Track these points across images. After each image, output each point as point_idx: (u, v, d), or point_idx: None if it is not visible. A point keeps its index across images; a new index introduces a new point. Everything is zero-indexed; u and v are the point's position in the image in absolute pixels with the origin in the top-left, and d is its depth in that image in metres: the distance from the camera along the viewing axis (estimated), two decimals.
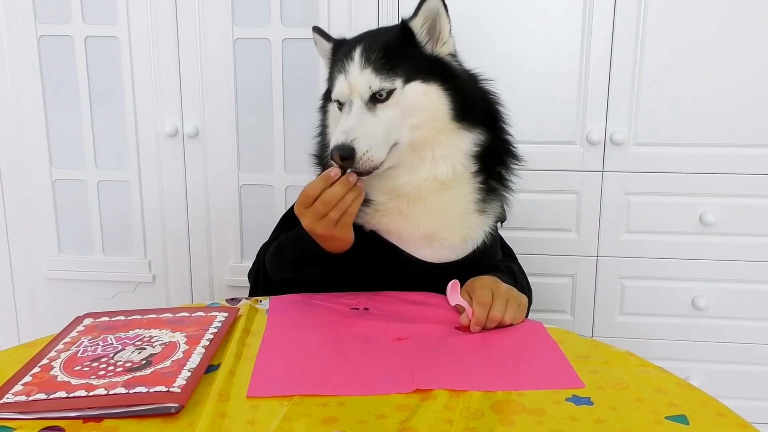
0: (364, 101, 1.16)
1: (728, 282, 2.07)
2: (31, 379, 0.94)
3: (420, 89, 1.19)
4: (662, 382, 0.96)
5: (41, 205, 2.26)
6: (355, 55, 1.18)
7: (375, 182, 1.22)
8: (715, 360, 2.12)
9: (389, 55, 1.18)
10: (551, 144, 2.03)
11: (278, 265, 1.35)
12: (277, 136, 2.14)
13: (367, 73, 1.16)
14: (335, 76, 1.21)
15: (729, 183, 2.00)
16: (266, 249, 1.43)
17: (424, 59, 1.21)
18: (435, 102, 1.20)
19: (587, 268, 2.12)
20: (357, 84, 1.17)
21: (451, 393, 0.91)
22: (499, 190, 1.31)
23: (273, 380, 0.95)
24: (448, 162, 1.22)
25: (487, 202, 1.29)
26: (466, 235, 1.28)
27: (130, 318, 1.17)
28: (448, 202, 1.25)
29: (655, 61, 1.96)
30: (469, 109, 1.22)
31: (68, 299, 2.31)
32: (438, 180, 1.22)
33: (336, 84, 1.20)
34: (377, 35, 1.25)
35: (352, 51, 1.19)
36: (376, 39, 1.22)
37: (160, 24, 2.09)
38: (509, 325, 1.15)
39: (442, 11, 1.20)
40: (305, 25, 2.06)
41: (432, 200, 1.24)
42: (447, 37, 1.23)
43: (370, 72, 1.16)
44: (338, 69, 1.20)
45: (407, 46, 1.21)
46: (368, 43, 1.19)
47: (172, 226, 2.23)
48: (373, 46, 1.19)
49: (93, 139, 2.20)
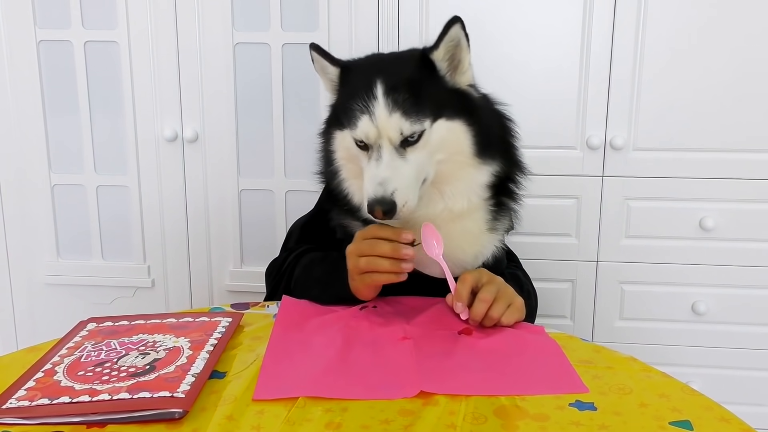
0: (394, 146, 1.11)
1: (728, 287, 2.07)
2: (35, 384, 0.93)
3: (446, 127, 1.15)
4: (665, 387, 0.96)
5: (40, 209, 2.26)
6: (378, 93, 1.11)
7: None
8: (715, 365, 2.12)
9: (416, 94, 1.12)
10: (551, 149, 2.03)
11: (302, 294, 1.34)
12: (277, 140, 2.14)
13: (396, 117, 1.10)
14: (356, 114, 1.13)
15: (729, 188, 2.00)
16: (283, 260, 1.42)
17: (446, 93, 1.17)
18: (459, 138, 1.16)
19: (587, 272, 2.12)
20: (387, 128, 1.10)
21: (454, 398, 0.91)
22: (509, 204, 1.30)
23: (279, 383, 0.95)
24: (465, 196, 1.20)
25: (498, 219, 1.28)
26: (477, 253, 1.27)
27: (133, 323, 1.16)
28: (461, 228, 1.24)
29: (654, 66, 1.96)
30: (489, 142, 1.20)
31: (67, 304, 2.30)
32: (453, 212, 1.21)
33: (359, 125, 1.12)
34: (395, 66, 1.20)
35: (373, 87, 1.12)
36: (397, 73, 1.15)
37: (160, 29, 2.09)
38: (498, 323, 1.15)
39: (464, 41, 1.16)
40: (305, 30, 2.06)
41: (446, 228, 1.21)
42: (467, 67, 1.19)
43: (400, 116, 1.10)
44: (359, 108, 1.12)
45: (430, 79, 1.16)
46: (390, 80, 1.12)
47: (172, 231, 2.23)
48: (396, 84, 1.12)
49: (92, 143, 2.20)
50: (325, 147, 1.29)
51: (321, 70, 1.25)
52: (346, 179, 1.25)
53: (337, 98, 1.24)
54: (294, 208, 2.15)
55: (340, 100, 1.23)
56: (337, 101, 1.24)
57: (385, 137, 1.11)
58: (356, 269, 1.18)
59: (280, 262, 1.43)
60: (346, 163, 1.24)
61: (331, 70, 1.23)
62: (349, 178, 1.24)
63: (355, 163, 1.20)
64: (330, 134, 1.25)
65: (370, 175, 1.11)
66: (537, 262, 2.10)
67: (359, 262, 1.16)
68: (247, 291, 2.21)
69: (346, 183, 1.25)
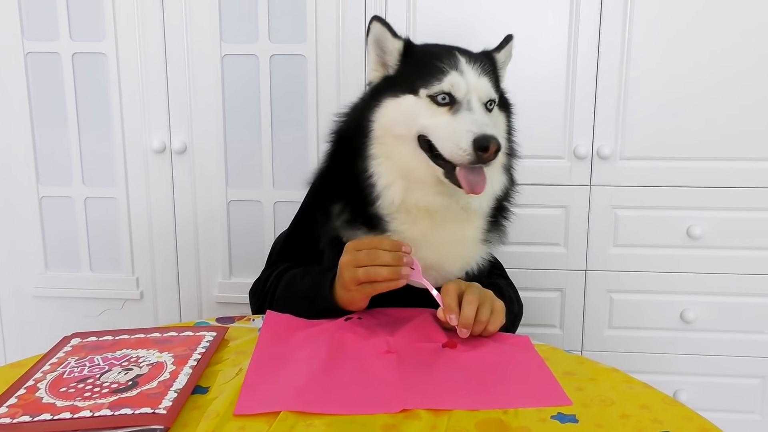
0: (482, 103, 1.17)
1: (716, 295, 2.08)
2: (17, 401, 0.93)
3: (499, 114, 1.26)
4: (647, 398, 0.96)
5: (28, 221, 2.25)
6: (462, 60, 1.18)
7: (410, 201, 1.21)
8: (704, 373, 2.13)
9: (492, 72, 1.23)
10: (539, 158, 2.04)
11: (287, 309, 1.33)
12: (265, 152, 2.15)
13: (484, 81, 1.19)
14: (442, 71, 1.16)
15: (716, 196, 2.01)
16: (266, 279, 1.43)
17: (500, 90, 1.28)
18: (502, 130, 1.26)
19: (576, 282, 2.12)
20: (477, 86, 1.17)
21: (436, 412, 0.91)
22: (501, 221, 1.33)
23: (261, 397, 0.95)
24: (483, 198, 1.23)
25: (492, 232, 1.30)
26: (465, 265, 1.29)
27: (117, 338, 1.16)
28: (461, 234, 1.26)
29: (640, 76, 1.97)
30: (511, 149, 1.30)
31: (55, 317, 2.29)
32: (468, 211, 1.23)
33: (446, 79, 1.16)
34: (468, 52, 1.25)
35: (455, 55, 1.19)
36: (472, 54, 1.23)
37: (148, 40, 2.09)
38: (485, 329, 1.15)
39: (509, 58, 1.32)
40: (293, 41, 2.07)
41: (453, 231, 1.24)
42: (504, 77, 1.32)
43: (487, 81, 1.19)
44: (445, 67, 1.17)
45: (494, 72, 1.26)
46: (469, 55, 1.21)
47: (160, 243, 2.23)
48: (476, 59, 1.21)
49: (80, 155, 2.20)
50: (362, 117, 1.24)
51: (375, 43, 1.25)
52: (377, 157, 1.21)
53: (399, 69, 1.24)
54: (282, 219, 2.15)
55: (405, 68, 1.23)
56: (400, 71, 1.24)
57: (474, 94, 1.16)
58: (354, 280, 1.16)
59: (263, 281, 1.44)
60: (382, 136, 1.21)
61: (394, 43, 1.24)
62: (380, 156, 1.21)
63: (396, 132, 1.19)
64: (375, 104, 1.22)
65: (471, 120, 1.13)
66: (526, 271, 2.10)
67: (357, 273, 1.15)
68: (236, 302, 2.20)
69: (375, 161, 1.21)
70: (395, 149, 1.20)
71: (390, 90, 1.22)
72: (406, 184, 1.20)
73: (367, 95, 1.27)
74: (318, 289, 1.25)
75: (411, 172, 1.20)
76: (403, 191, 1.20)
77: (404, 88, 1.20)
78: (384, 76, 1.26)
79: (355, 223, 1.26)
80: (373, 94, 1.25)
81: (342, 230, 1.28)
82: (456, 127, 1.12)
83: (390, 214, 1.23)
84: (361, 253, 1.16)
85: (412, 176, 1.20)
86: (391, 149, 1.20)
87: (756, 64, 1.94)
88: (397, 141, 1.20)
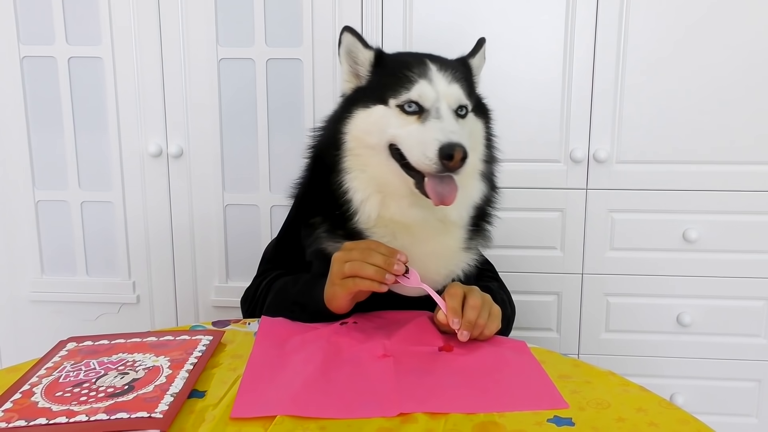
0: (452, 110, 1.16)
1: (713, 298, 2.08)
2: (12, 405, 0.93)
3: (475, 121, 1.25)
4: (643, 401, 0.96)
5: (24, 226, 2.25)
6: (432, 68, 1.18)
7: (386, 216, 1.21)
8: (701, 376, 2.13)
9: (465, 79, 1.22)
10: (535, 162, 2.05)
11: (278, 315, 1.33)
12: (262, 155, 2.15)
13: (455, 88, 1.18)
14: (410, 80, 1.16)
15: (712, 200, 2.02)
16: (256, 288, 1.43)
17: (476, 94, 1.29)
18: (479, 137, 1.26)
19: (572, 285, 2.12)
20: (447, 93, 1.17)
21: (433, 416, 0.91)
22: (484, 226, 1.32)
23: (257, 401, 0.95)
24: (460, 208, 1.23)
25: (474, 239, 1.30)
26: (450, 272, 1.29)
27: (113, 342, 1.16)
28: (444, 245, 1.26)
29: (636, 79, 1.98)
30: (491, 156, 1.29)
31: (51, 321, 2.29)
32: (445, 223, 1.23)
33: (415, 88, 1.15)
34: (440, 59, 1.24)
35: (422, 65, 1.18)
36: (444, 60, 1.23)
37: (144, 44, 2.09)
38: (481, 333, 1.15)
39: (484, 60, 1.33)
40: (290, 45, 2.07)
41: (433, 243, 1.24)
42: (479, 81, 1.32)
43: (458, 88, 1.18)
44: (413, 76, 1.17)
45: (469, 78, 1.27)
46: (440, 62, 1.21)
47: (157, 247, 2.22)
48: (447, 65, 1.20)
49: (76, 159, 2.19)
50: (334, 129, 1.24)
51: (347, 54, 1.25)
52: (350, 170, 1.22)
53: (370, 79, 1.24)
54: (279, 223, 2.11)
55: (376, 78, 1.23)
56: (371, 81, 1.24)
57: (443, 101, 1.16)
58: (339, 273, 1.16)
59: (254, 290, 1.44)
60: (355, 147, 1.21)
61: (365, 54, 1.24)
62: (355, 169, 1.21)
63: (368, 143, 1.19)
64: (348, 115, 1.22)
65: (438, 128, 1.12)
66: (522, 275, 2.11)
67: (344, 266, 1.15)
68: (233, 306, 2.19)
69: (349, 175, 1.22)
70: (368, 160, 1.20)
71: (362, 101, 1.22)
72: (381, 197, 1.20)
73: (339, 107, 1.27)
74: (310, 292, 1.25)
75: (385, 184, 1.20)
76: (379, 205, 1.21)
77: (375, 99, 1.20)
78: (356, 87, 1.26)
79: (336, 236, 1.26)
80: (346, 105, 1.25)
81: (324, 242, 1.28)
82: (423, 136, 1.12)
83: (369, 228, 1.23)
84: (355, 251, 1.16)
85: (387, 188, 1.20)
86: (365, 161, 1.21)
87: (752, 69, 1.95)
88: (370, 152, 1.20)
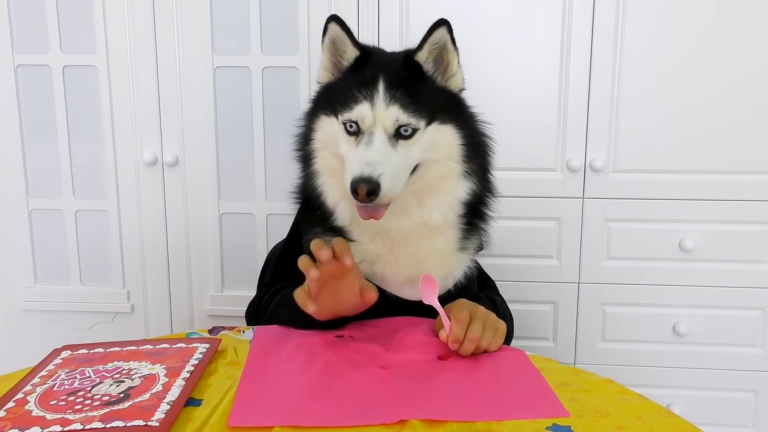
0: (388, 135, 1.13)
1: (709, 308, 2.08)
2: (5, 414, 0.91)
3: (438, 129, 1.18)
4: (642, 409, 0.96)
5: (17, 235, 2.23)
6: (381, 87, 1.14)
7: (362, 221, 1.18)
8: (696, 386, 2.12)
9: (414, 94, 1.15)
10: (532, 171, 2.05)
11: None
12: (258, 164, 2.14)
13: (394, 109, 1.13)
14: (355, 99, 1.15)
15: (708, 209, 2.02)
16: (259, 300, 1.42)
17: (439, 95, 1.20)
18: (450, 142, 1.19)
19: (569, 294, 2.12)
20: (384, 117, 1.13)
21: (431, 423, 0.90)
22: (479, 224, 1.31)
23: (254, 409, 0.94)
24: (443, 209, 1.22)
25: (468, 239, 1.29)
26: (447, 273, 1.28)
27: (109, 350, 1.15)
28: (433, 246, 1.24)
29: (632, 88, 1.98)
30: (475, 148, 1.22)
31: (44, 331, 2.27)
32: (428, 226, 1.22)
33: (356, 108, 1.14)
34: (395, 65, 1.19)
35: (376, 80, 1.15)
36: (397, 72, 1.17)
37: (139, 52, 2.09)
38: (485, 351, 1.14)
39: (450, 44, 1.19)
40: (286, 53, 2.07)
41: (418, 245, 1.23)
42: (456, 69, 1.21)
43: (398, 108, 1.13)
44: (361, 94, 1.14)
45: (423, 80, 1.19)
46: (390, 78, 1.15)
47: (151, 256, 2.21)
48: (396, 81, 1.15)
49: (71, 168, 2.19)
50: (307, 125, 1.26)
51: (332, 46, 1.22)
52: (321, 174, 1.23)
53: (339, 79, 1.22)
54: (275, 232, 2.15)
55: (341, 82, 1.21)
56: (338, 83, 1.22)
57: (380, 125, 1.13)
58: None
59: (257, 302, 1.43)
60: (322, 148, 1.22)
61: (351, 51, 1.21)
62: (324, 173, 1.23)
63: (332, 150, 1.19)
64: (316, 115, 1.23)
65: (359, 156, 1.11)
66: (519, 284, 2.10)
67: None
68: (229, 315, 2.19)
69: (320, 179, 1.23)
70: (335, 165, 1.20)
71: (324, 104, 1.22)
72: (350, 201, 1.17)
73: (313, 102, 1.27)
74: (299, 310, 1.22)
75: None
76: (351, 209, 1.20)
77: (333, 108, 1.19)
78: (330, 81, 1.24)
79: (329, 233, 1.25)
80: (315, 103, 1.25)
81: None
82: (350, 163, 1.12)
83: (347, 227, 1.24)
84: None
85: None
86: (332, 165, 1.21)
87: (747, 79, 1.95)
88: (336, 158, 1.19)
